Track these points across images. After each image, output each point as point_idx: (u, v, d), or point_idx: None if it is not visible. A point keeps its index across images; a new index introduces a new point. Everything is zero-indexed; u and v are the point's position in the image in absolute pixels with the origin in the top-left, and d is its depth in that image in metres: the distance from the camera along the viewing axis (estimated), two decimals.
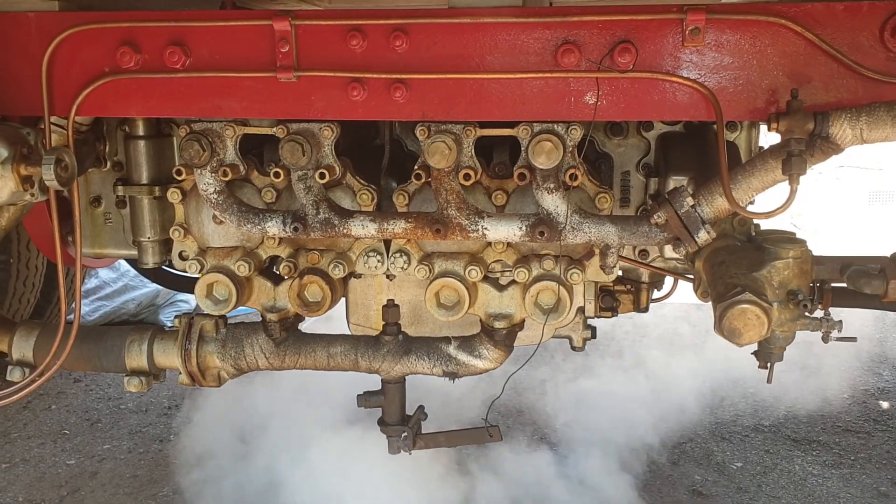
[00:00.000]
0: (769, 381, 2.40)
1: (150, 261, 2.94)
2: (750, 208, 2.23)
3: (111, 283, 6.10)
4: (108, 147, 2.90)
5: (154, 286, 6.09)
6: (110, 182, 2.94)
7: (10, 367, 2.75)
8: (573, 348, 3.00)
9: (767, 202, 2.17)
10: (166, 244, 2.91)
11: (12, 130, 2.43)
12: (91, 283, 5.97)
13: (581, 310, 2.80)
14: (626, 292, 3.04)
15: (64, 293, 2.61)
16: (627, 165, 2.79)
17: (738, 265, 2.26)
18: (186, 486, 3.91)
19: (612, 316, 3.08)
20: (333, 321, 3.07)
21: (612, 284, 2.95)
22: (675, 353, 5.38)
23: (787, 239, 2.31)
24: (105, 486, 4.04)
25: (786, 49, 2.12)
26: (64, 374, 5.29)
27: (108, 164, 2.92)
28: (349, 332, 2.88)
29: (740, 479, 3.98)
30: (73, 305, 2.89)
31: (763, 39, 2.12)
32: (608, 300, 2.99)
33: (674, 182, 2.55)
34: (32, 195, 2.44)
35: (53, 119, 2.42)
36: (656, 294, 3.16)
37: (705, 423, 4.55)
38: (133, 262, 4.27)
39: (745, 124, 2.72)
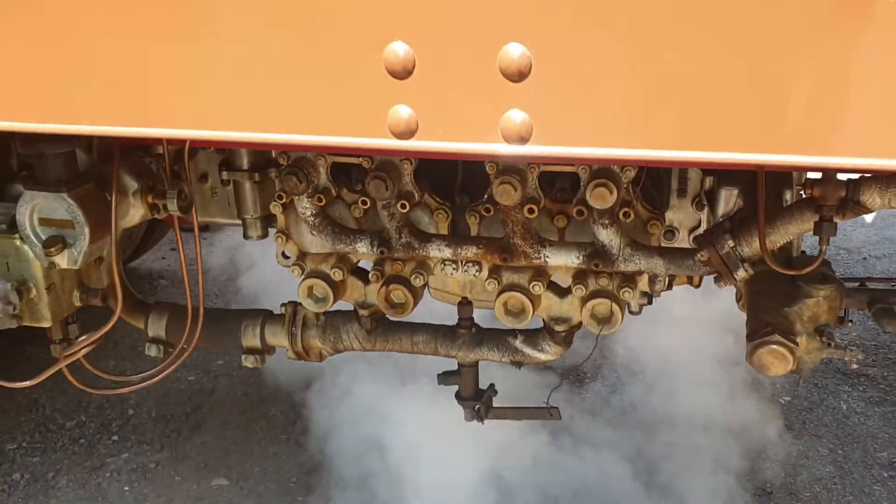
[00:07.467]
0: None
1: (254, 235, 3.37)
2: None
3: None
4: None
5: None
6: (215, 162, 3.29)
7: (147, 344, 3.28)
8: (630, 313, 3.32)
9: None
10: (267, 219, 3.30)
11: (138, 162, 2.82)
12: None
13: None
14: None
15: (188, 285, 3.08)
16: None
17: (773, 297, 2.53)
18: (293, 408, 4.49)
19: (668, 288, 3.37)
20: None
21: None
22: None
23: (821, 277, 2.53)
24: (222, 404, 4.67)
25: None
26: (180, 295, 5.92)
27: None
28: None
29: (787, 415, 4.35)
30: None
31: None
32: None
33: (724, 193, 2.79)
34: (158, 215, 2.86)
35: None
36: None
37: None
38: None
39: None
